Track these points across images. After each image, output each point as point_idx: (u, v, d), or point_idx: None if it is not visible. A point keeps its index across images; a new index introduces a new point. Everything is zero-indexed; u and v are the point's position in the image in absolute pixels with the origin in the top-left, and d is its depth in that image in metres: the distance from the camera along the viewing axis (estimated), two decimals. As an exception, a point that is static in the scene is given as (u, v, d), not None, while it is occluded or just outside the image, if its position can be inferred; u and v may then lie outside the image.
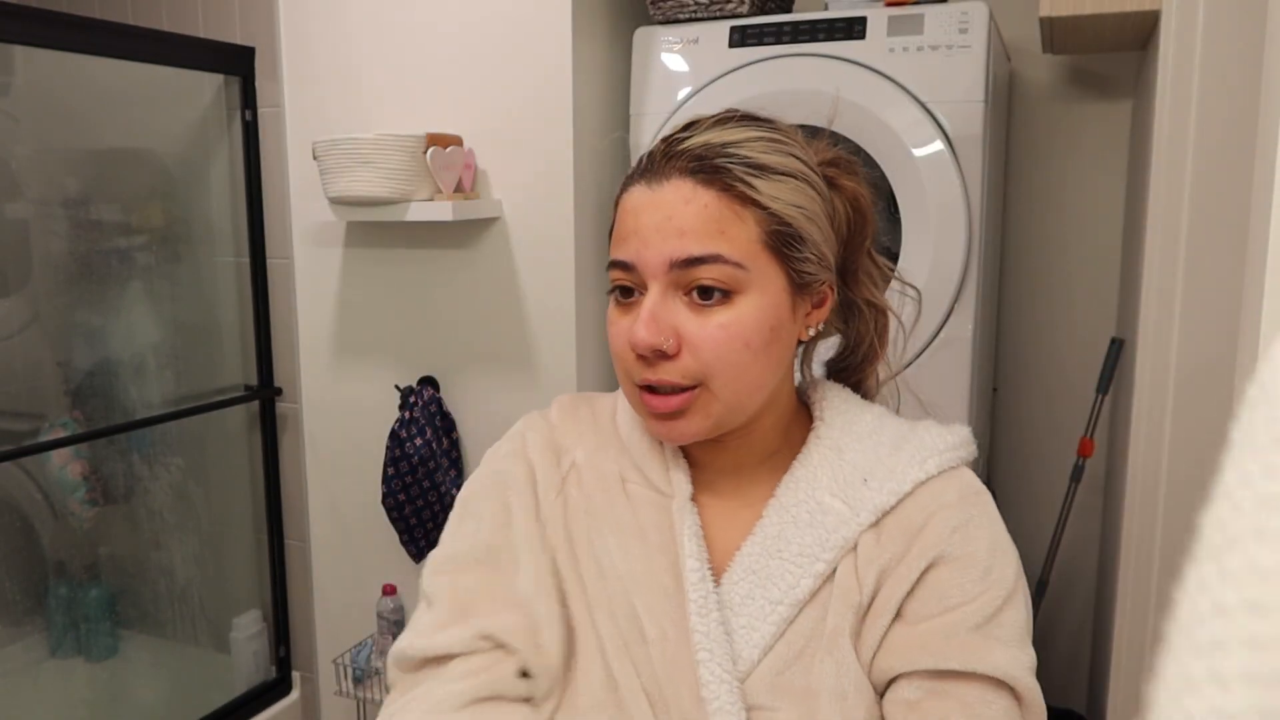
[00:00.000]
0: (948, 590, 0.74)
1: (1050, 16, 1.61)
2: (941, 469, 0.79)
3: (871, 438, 0.81)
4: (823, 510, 0.77)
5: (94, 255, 2.08)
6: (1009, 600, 0.74)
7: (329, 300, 2.03)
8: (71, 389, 2.11)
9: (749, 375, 0.75)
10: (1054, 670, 2.23)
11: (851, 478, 0.78)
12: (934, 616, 0.73)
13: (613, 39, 1.88)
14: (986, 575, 0.74)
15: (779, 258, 0.75)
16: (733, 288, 0.74)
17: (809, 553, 0.76)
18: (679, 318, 0.74)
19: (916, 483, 0.77)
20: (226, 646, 2.22)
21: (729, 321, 0.74)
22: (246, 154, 2.08)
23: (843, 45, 1.68)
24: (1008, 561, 0.76)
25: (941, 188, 1.62)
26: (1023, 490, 2.23)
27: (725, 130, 0.77)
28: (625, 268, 0.76)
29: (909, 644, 0.73)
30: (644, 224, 0.74)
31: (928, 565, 0.74)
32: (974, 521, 0.77)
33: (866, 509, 0.76)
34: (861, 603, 0.75)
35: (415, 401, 1.87)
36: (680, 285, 0.74)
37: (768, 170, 0.75)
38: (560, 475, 0.84)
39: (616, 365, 0.79)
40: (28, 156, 2.02)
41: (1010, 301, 2.19)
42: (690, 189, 0.74)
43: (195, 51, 2.01)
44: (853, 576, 0.75)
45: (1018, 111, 2.13)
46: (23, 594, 2.16)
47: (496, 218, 1.83)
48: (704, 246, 0.73)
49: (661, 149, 0.77)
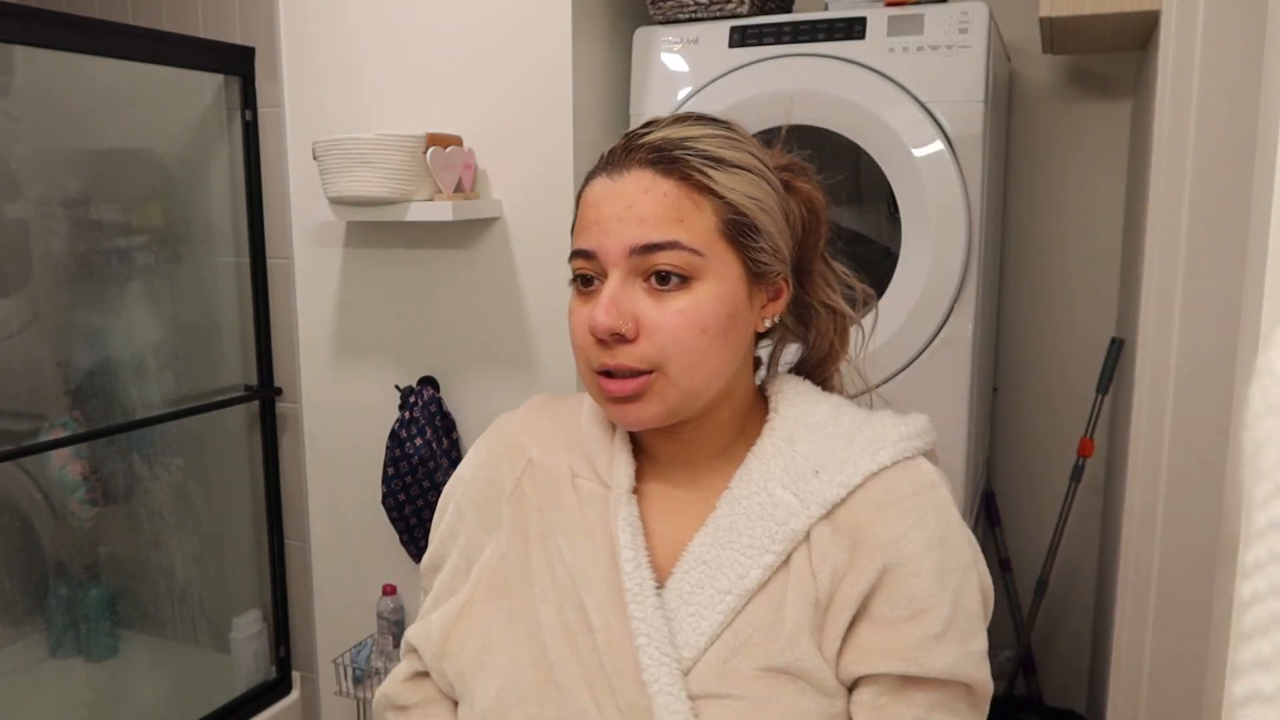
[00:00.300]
0: (910, 595, 0.75)
1: (1050, 16, 1.61)
2: (895, 460, 0.79)
3: (826, 429, 0.82)
4: (774, 502, 0.78)
5: (94, 255, 2.08)
6: (964, 592, 0.76)
7: (329, 300, 2.03)
8: (71, 389, 2.11)
9: (705, 361, 0.77)
10: (1054, 670, 2.23)
11: (803, 470, 0.80)
12: (900, 621, 0.75)
13: (613, 39, 1.88)
14: (943, 577, 0.76)
15: (735, 246, 0.78)
16: (690, 274, 0.76)
17: (759, 544, 0.77)
18: (638, 304, 0.76)
19: (868, 474, 0.78)
20: (226, 646, 2.22)
21: (686, 307, 0.76)
22: (246, 154, 2.08)
23: (843, 45, 1.68)
24: (961, 553, 0.78)
25: (941, 188, 1.62)
26: (1023, 490, 2.23)
27: (684, 127, 0.80)
28: (587, 256, 0.78)
29: (874, 649, 0.75)
30: (605, 213, 0.77)
31: (884, 567, 0.76)
32: (927, 519, 0.77)
33: (816, 501, 0.78)
34: (819, 599, 0.76)
35: (415, 401, 1.87)
36: (640, 271, 0.77)
37: (724, 163, 0.78)
38: (516, 475, 0.88)
39: (577, 354, 0.81)
40: (28, 156, 2.02)
41: (1010, 301, 2.19)
42: (650, 178, 0.77)
43: (195, 51, 2.01)
44: (807, 570, 0.77)
45: (1018, 111, 2.13)
46: (23, 594, 2.16)
47: (496, 218, 1.83)
48: (663, 233, 0.75)
49: (622, 144, 0.80)
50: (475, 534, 0.88)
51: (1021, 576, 2.21)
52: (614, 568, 0.80)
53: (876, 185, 1.83)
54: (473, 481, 0.90)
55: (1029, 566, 2.19)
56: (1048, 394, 2.18)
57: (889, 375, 1.68)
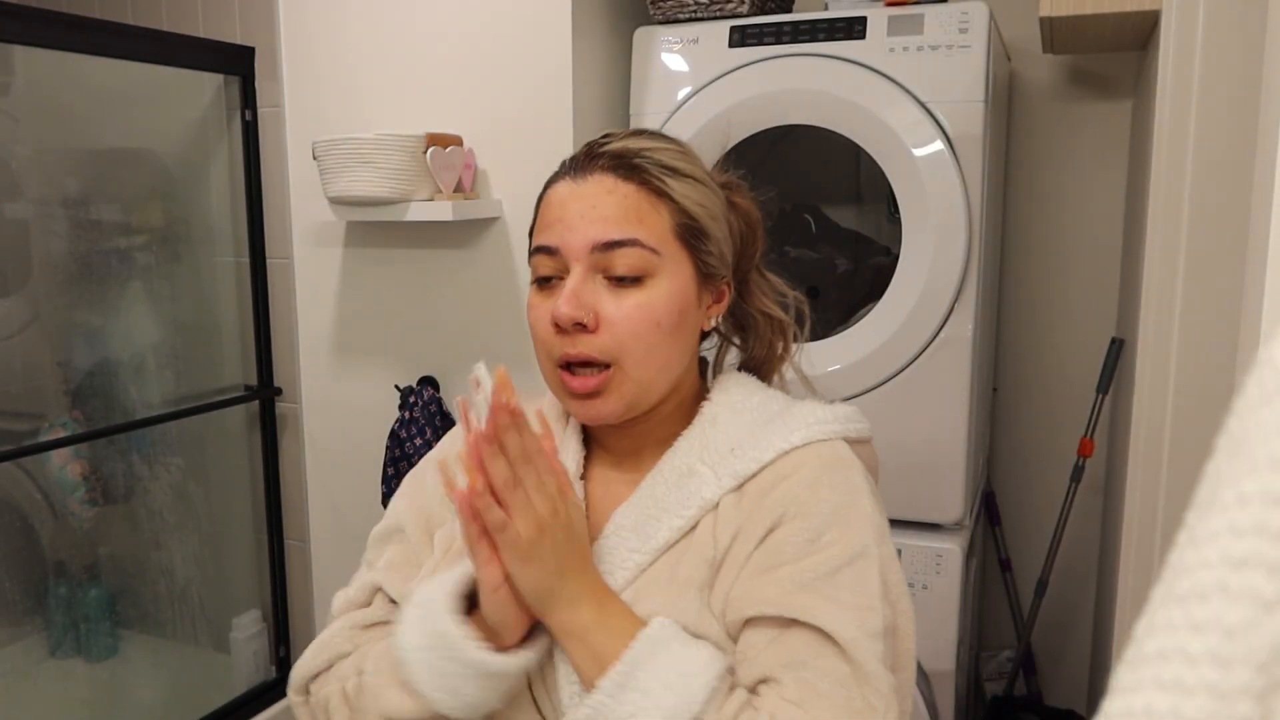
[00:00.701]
0: (784, 546, 0.80)
1: (1050, 16, 1.61)
2: (809, 440, 0.85)
3: (750, 414, 0.89)
4: (690, 474, 0.86)
5: (94, 255, 2.08)
6: (851, 563, 0.79)
7: (329, 300, 2.03)
8: (71, 389, 2.11)
9: (658, 354, 0.85)
10: (1054, 670, 2.23)
11: (721, 447, 0.86)
12: (773, 569, 0.79)
13: (613, 39, 1.88)
14: (821, 536, 0.80)
15: (687, 248, 0.86)
16: (647, 271, 0.83)
17: (671, 510, 0.84)
18: (598, 297, 0.83)
19: (780, 452, 0.84)
20: (226, 646, 2.22)
21: (643, 302, 0.83)
22: (246, 154, 2.08)
23: (843, 45, 1.68)
24: (856, 527, 0.81)
25: (941, 188, 1.62)
26: (1023, 490, 2.23)
27: (640, 139, 0.88)
28: (550, 252, 0.85)
29: (748, 594, 0.80)
30: (569, 212, 0.84)
31: (773, 523, 0.81)
32: (823, 485, 0.82)
33: (728, 474, 0.84)
34: (715, 557, 0.82)
35: (415, 401, 1.87)
36: (600, 267, 0.83)
37: (678, 172, 0.86)
38: None
39: (538, 347, 0.87)
40: (28, 156, 2.02)
41: (1010, 301, 2.19)
42: (612, 182, 0.84)
43: (195, 51, 2.00)
44: (710, 534, 0.83)
45: (1018, 111, 2.12)
46: (22, 594, 2.16)
47: (496, 218, 1.83)
48: (624, 231, 0.83)
49: (584, 152, 0.87)
50: (439, 510, 0.95)
51: (1022, 576, 2.21)
52: None
53: (876, 185, 1.83)
54: (442, 453, 0.98)
55: (1029, 566, 2.19)
56: (1048, 394, 2.18)
57: (889, 375, 1.68)
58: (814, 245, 2.09)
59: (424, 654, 0.80)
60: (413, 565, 0.93)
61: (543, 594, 0.79)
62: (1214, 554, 0.29)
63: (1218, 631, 0.28)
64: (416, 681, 0.80)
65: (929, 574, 1.68)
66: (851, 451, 0.87)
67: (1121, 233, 2.08)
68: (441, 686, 0.79)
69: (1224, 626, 0.28)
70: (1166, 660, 0.29)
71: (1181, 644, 0.29)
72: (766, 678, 0.77)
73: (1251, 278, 0.74)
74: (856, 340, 1.70)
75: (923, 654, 1.71)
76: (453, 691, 0.79)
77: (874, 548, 0.81)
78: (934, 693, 1.71)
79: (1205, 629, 0.28)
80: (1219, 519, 0.29)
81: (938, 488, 1.69)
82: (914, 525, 1.72)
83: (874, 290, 1.81)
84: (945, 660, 1.70)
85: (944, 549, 1.67)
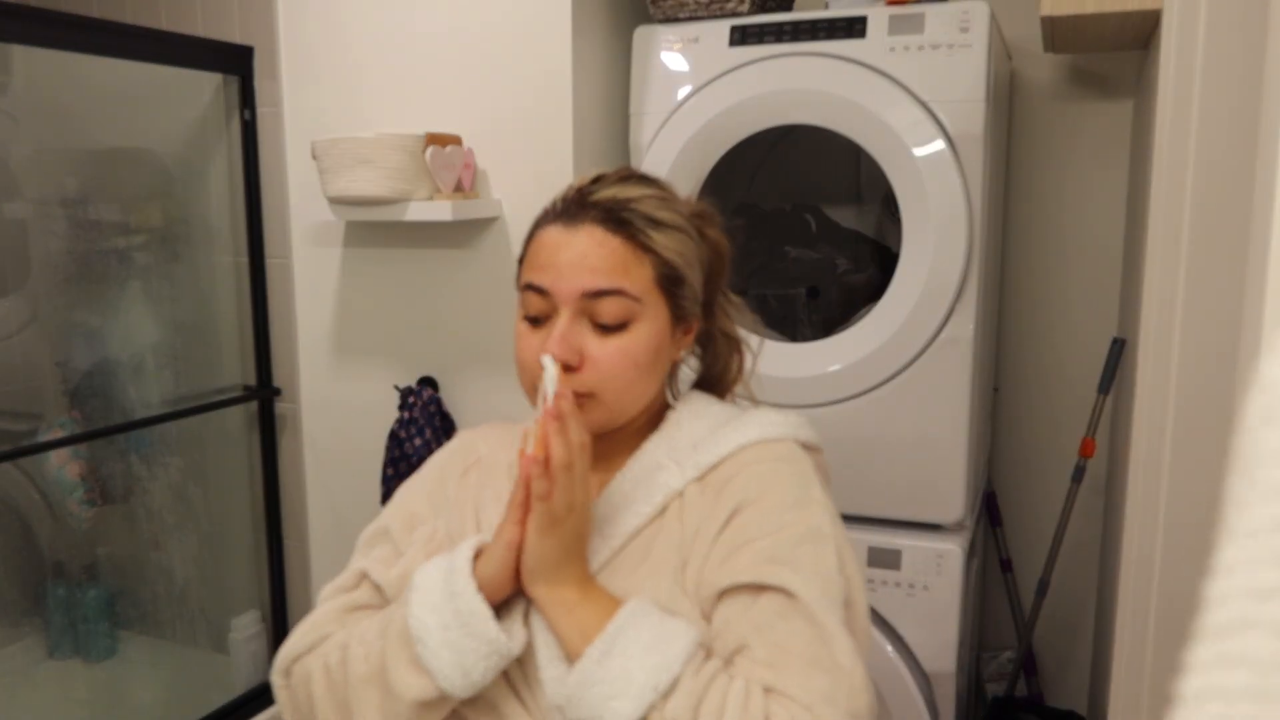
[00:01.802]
0: (747, 527, 0.89)
1: (1051, 16, 1.61)
2: (763, 438, 0.96)
3: (710, 419, 1.00)
4: (657, 467, 0.96)
5: (93, 255, 2.08)
6: (809, 539, 0.88)
7: (328, 300, 2.03)
8: (70, 389, 2.11)
9: (634, 389, 0.95)
10: (1055, 671, 2.23)
11: (684, 445, 0.97)
12: (739, 547, 0.88)
13: (613, 38, 1.88)
14: (781, 516, 0.89)
15: (665, 295, 0.95)
16: (630, 317, 0.92)
17: (640, 499, 0.94)
18: (584, 339, 0.92)
19: (738, 445, 0.95)
20: (225, 647, 2.22)
21: (625, 345, 0.92)
22: (245, 154, 2.08)
23: (843, 44, 1.68)
24: (811, 510, 0.91)
25: (942, 187, 1.62)
26: (1024, 490, 2.22)
27: (627, 187, 0.96)
28: (540, 292, 0.93)
29: (718, 569, 0.88)
30: (561, 259, 0.92)
31: (735, 507, 0.90)
32: (779, 475, 0.93)
33: (691, 465, 0.95)
34: (683, 540, 0.91)
35: (415, 402, 1.87)
36: (587, 312, 0.92)
37: (661, 224, 0.94)
38: (465, 466, 1.08)
39: (523, 373, 0.96)
40: (27, 156, 2.02)
41: (1011, 301, 2.18)
42: (601, 234, 0.92)
43: (194, 51, 2.00)
44: (677, 519, 0.93)
45: (1019, 111, 2.12)
46: (21, 594, 2.16)
47: (496, 218, 1.83)
48: (610, 281, 0.91)
49: (575, 197, 0.95)
50: (424, 510, 1.05)
51: (1022, 577, 2.20)
52: None
53: (876, 185, 1.82)
54: (430, 472, 1.09)
55: (1030, 567, 2.19)
56: (1049, 394, 2.17)
57: (889, 375, 1.67)
58: (814, 245, 2.08)
59: (446, 633, 0.87)
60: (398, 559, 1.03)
61: (547, 566, 0.88)
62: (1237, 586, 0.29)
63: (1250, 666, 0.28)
64: (431, 658, 0.86)
65: (929, 574, 1.67)
66: (802, 450, 0.97)
67: (1123, 232, 2.08)
68: (457, 664, 0.86)
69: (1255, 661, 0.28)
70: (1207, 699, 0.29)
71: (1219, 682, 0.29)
72: (740, 646, 0.84)
73: (1253, 277, 0.74)
74: (856, 340, 1.70)
75: (923, 655, 1.70)
76: (465, 670, 0.86)
77: (828, 528, 0.90)
78: (934, 693, 1.71)
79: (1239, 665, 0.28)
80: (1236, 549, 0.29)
81: (938, 488, 1.69)
82: (914, 525, 1.72)
83: (874, 290, 1.80)
84: (946, 661, 1.69)
85: (945, 549, 1.67)
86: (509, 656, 0.87)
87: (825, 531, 0.89)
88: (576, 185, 0.97)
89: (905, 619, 1.69)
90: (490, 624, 0.86)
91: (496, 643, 0.86)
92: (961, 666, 1.79)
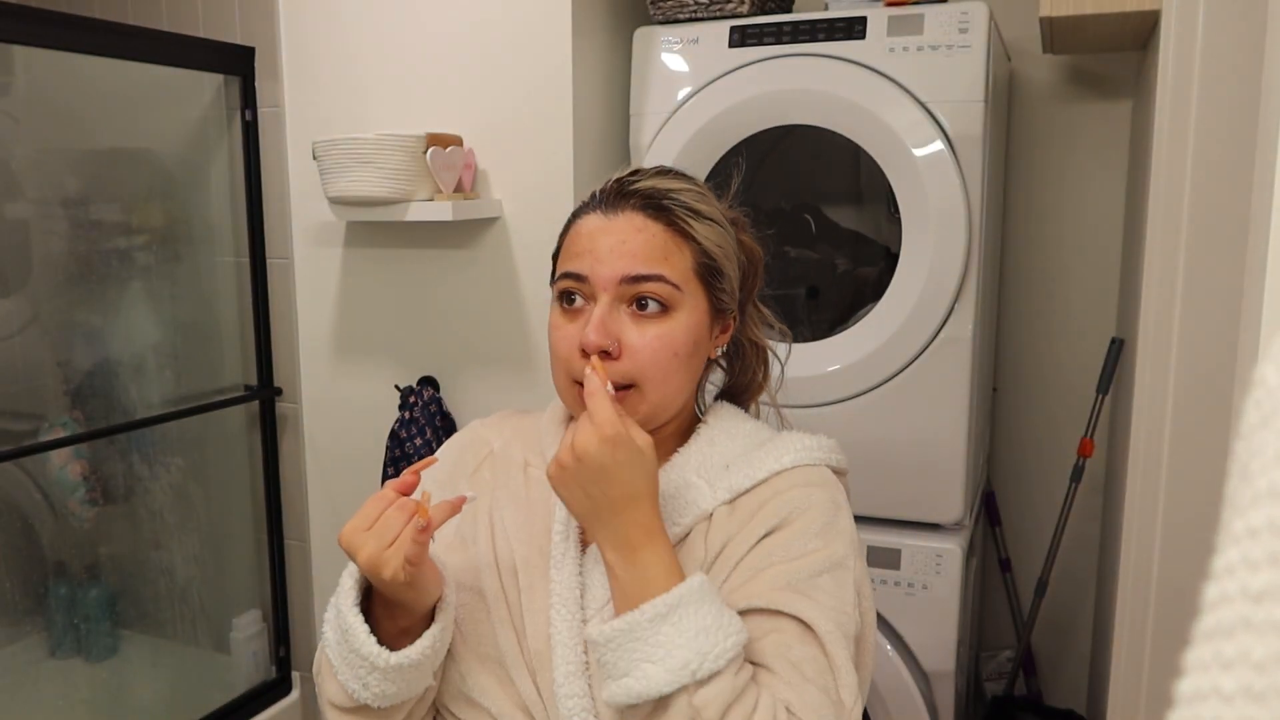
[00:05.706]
0: (773, 550, 0.88)
1: (1050, 16, 1.61)
2: (797, 464, 0.94)
3: (744, 439, 0.98)
4: (687, 485, 0.93)
5: (94, 255, 2.08)
6: (830, 571, 0.87)
7: (329, 300, 2.03)
8: (71, 389, 2.11)
9: (673, 380, 0.92)
10: (1054, 670, 2.23)
11: (716, 464, 0.95)
12: (761, 570, 0.87)
13: (613, 39, 1.88)
14: (806, 544, 0.88)
15: (705, 285, 0.93)
16: (669, 304, 0.90)
17: (668, 518, 0.90)
18: (622, 326, 0.90)
19: (773, 471, 0.93)
20: (226, 646, 2.22)
21: (664, 332, 0.90)
22: (246, 154, 2.08)
23: (843, 45, 1.68)
24: (837, 541, 0.90)
25: (941, 188, 1.62)
26: (1023, 490, 2.23)
27: (666, 180, 0.95)
28: (578, 279, 0.91)
29: (738, 591, 0.87)
30: (599, 245, 0.90)
31: (766, 531, 0.89)
32: (811, 500, 0.91)
33: (723, 487, 0.92)
34: (706, 560, 0.90)
35: (415, 401, 1.87)
36: (625, 298, 0.90)
37: (701, 215, 0.93)
38: (479, 461, 1.06)
39: (557, 365, 0.93)
40: (28, 156, 2.01)
41: (1010, 301, 2.19)
42: (641, 220, 0.91)
43: (195, 51, 2.00)
44: (701, 542, 0.91)
45: (1018, 111, 2.12)
46: (22, 594, 2.16)
47: (496, 218, 1.83)
48: (650, 267, 0.89)
49: (614, 187, 0.94)
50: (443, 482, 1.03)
51: (1021, 576, 2.21)
52: (547, 537, 0.95)
53: (876, 185, 1.83)
54: (442, 465, 1.05)
55: (1029, 566, 2.19)
56: (1048, 394, 2.18)
57: (889, 375, 1.68)
58: (814, 245, 2.09)
59: (337, 649, 0.89)
60: None
61: (584, 515, 0.85)
62: (1234, 588, 0.29)
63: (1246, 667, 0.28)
64: (337, 672, 0.88)
65: (929, 574, 1.68)
66: (834, 477, 0.96)
67: (1121, 233, 2.08)
68: (353, 678, 0.87)
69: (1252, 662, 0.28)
70: (1203, 700, 0.29)
71: (1215, 682, 0.29)
72: (760, 664, 0.83)
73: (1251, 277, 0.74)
74: (856, 340, 1.70)
75: (923, 654, 1.71)
76: (363, 684, 0.87)
77: (851, 560, 0.89)
78: (934, 693, 1.71)
79: (1235, 665, 0.29)
80: (1233, 551, 0.30)
81: (938, 488, 1.69)
82: (914, 525, 1.72)
83: (874, 290, 1.81)
84: (945, 660, 1.70)
85: (944, 549, 1.67)
86: (398, 669, 0.86)
87: (848, 564, 0.89)
88: (614, 177, 0.96)
89: (905, 618, 1.70)
90: (364, 639, 0.86)
91: (373, 657, 0.85)
92: (961, 666, 1.79)
